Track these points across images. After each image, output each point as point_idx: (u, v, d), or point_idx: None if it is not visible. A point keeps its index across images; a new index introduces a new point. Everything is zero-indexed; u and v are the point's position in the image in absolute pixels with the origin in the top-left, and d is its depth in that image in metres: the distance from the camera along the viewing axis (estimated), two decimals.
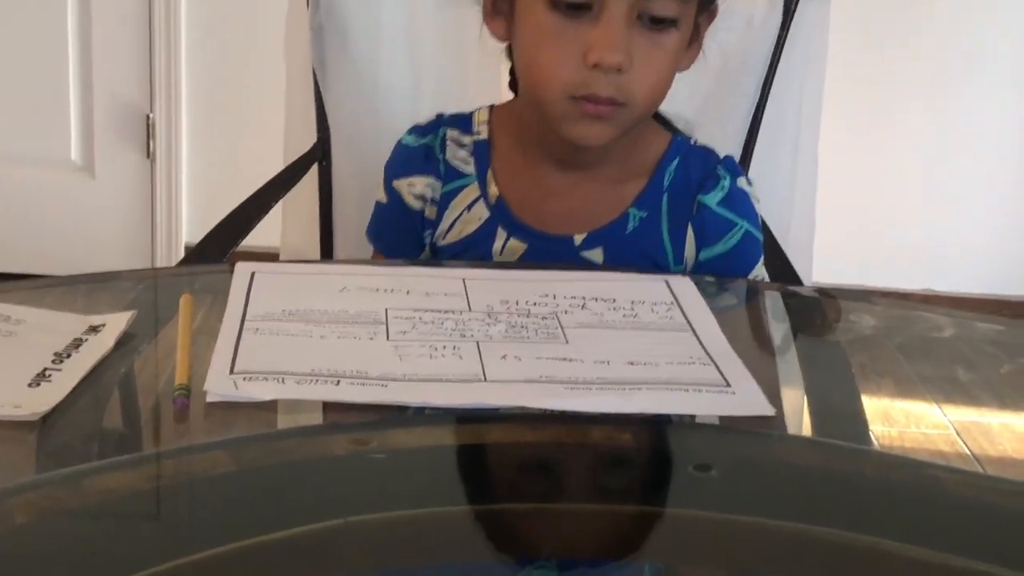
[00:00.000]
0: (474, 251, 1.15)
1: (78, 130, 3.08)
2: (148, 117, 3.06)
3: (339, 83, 1.47)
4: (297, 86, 1.53)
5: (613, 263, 1.12)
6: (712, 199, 1.14)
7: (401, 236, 1.19)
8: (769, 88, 1.48)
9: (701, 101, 1.46)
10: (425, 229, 1.18)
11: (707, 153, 1.17)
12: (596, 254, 1.13)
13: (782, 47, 1.47)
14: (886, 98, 3.07)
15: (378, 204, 1.21)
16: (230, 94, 3.06)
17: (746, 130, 1.48)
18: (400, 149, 1.19)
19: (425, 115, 1.22)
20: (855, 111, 3.01)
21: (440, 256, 1.18)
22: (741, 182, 1.16)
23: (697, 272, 1.14)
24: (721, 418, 0.78)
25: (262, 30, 2.74)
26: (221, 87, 3.07)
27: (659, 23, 1.04)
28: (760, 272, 1.17)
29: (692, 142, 1.18)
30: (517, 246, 1.13)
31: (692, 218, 1.14)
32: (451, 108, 1.22)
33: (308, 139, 1.50)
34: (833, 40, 1.52)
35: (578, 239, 1.13)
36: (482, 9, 1.12)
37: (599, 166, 1.13)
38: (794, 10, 1.46)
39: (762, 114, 1.48)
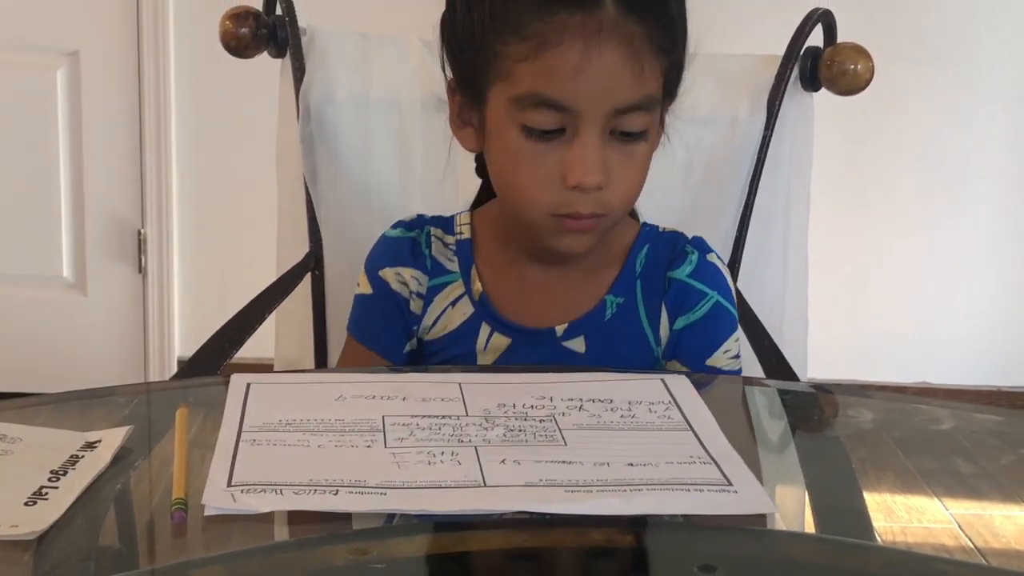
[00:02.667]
0: (459, 346, 1.17)
1: (70, 247, 3.09)
2: (140, 232, 3.07)
3: (330, 192, 1.48)
4: (289, 196, 1.54)
5: (595, 350, 1.14)
6: (681, 272, 1.16)
7: (388, 325, 1.19)
8: (756, 188, 1.49)
9: (690, 202, 1.48)
10: (411, 322, 1.19)
11: (675, 236, 1.20)
12: (578, 343, 1.15)
13: (767, 147, 1.49)
14: (875, 194, 3.10)
15: (360, 297, 1.21)
16: (221, 207, 3.09)
17: (735, 230, 1.50)
18: (385, 241, 1.21)
19: None
20: (844, 207, 3.04)
21: (424, 349, 1.19)
22: (711, 257, 1.18)
23: (673, 344, 1.16)
24: (722, 516, 0.77)
25: (252, 143, 2.78)
26: (212, 200, 3.09)
27: (631, 136, 1.05)
28: (734, 347, 1.18)
29: (660, 229, 1.20)
30: (501, 341, 1.15)
31: (665, 295, 1.16)
32: (441, 213, 1.23)
33: (300, 249, 1.51)
34: (818, 138, 1.54)
35: (559, 330, 1.15)
36: (449, 122, 1.14)
37: (575, 260, 1.15)
38: (778, 110, 1.48)
39: (750, 213, 1.49)
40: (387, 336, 1.20)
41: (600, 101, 1.02)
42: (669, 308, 1.16)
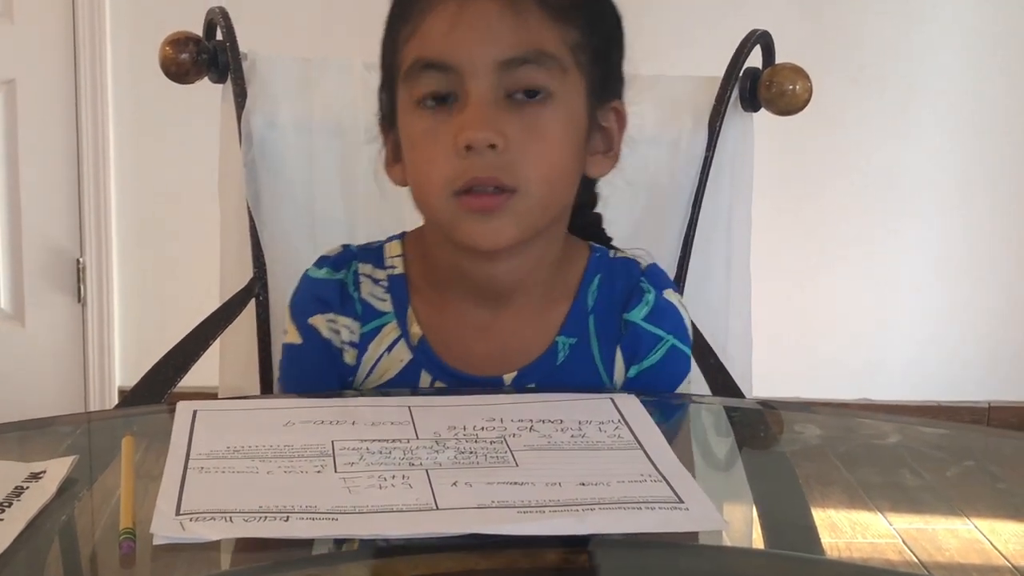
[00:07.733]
0: None
1: (7, 277, 3.05)
2: (78, 261, 3.04)
3: (274, 217, 1.47)
4: (232, 222, 1.53)
5: None
6: (638, 315, 1.09)
7: (324, 380, 1.09)
8: (699, 207, 1.50)
9: (633, 222, 1.48)
10: (345, 373, 1.10)
11: (629, 265, 1.12)
12: None
13: (709, 167, 1.50)
14: (814, 213, 3.13)
15: (289, 348, 1.11)
16: (161, 234, 3.06)
17: (679, 249, 1.50)
18: (311, 284, 1.11)
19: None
20: (785, 226, 3.06)
21: None
22: (667, 294, 1.11)
23: (626, 388, 1.10)
24: (674, 534, 0.77)
25: (192, 168, 2.76)
26: (152, 227, 3.07)
27: (531, 95, 0.99)
28: (685, 388, 1.14)
29: (612, 254, 1.13)
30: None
31: (621, 339, 1.10)
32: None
33: (244, 275, 1.49)
34: (759, 157, 1.55)
35: (508, 379, 1.07)
36: (384, 162, 1.10)
37: (521, 295, 1.07)
38: (719, 130, 1.49)
39: (694, 233, 1.51)
40: (323, 389, 1.09)
41: (480, 52, 0.97)
42: (625, 353, 1.09)
